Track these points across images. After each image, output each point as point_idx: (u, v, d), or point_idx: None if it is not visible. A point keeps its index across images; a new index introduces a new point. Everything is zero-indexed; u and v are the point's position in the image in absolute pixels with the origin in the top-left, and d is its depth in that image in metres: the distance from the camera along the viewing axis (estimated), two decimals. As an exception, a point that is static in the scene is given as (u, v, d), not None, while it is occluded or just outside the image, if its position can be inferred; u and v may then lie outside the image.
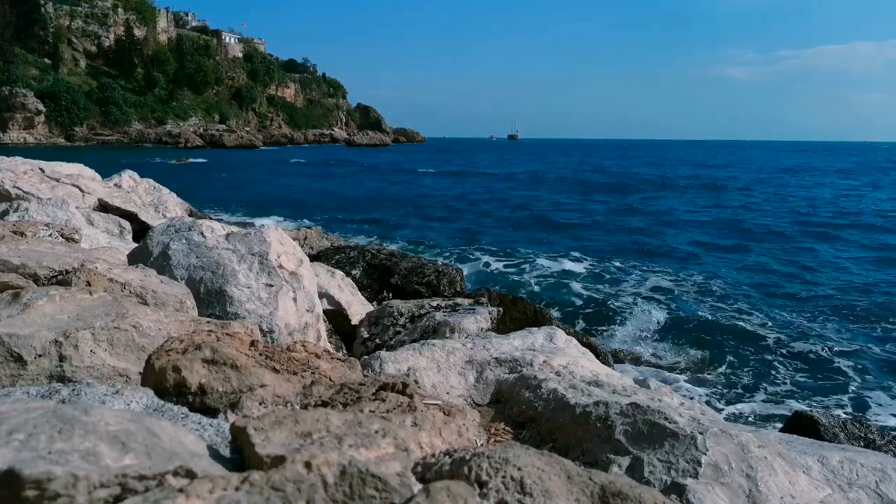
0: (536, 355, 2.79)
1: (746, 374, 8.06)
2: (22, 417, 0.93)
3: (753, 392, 7.52)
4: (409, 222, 21.23)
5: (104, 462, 0.87)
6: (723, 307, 11.13)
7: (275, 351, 1.66)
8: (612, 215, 23.84)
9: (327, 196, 28.48)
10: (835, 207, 27.73)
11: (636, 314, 10.45)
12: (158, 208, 7.39)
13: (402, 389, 1.47)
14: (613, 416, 1.98)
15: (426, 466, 1.08)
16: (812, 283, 13.31)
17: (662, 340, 9.21)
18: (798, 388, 7.77)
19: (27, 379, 1.63)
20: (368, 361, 2.64)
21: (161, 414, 1.30)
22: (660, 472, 1.81)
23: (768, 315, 10.61)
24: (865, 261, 15.79)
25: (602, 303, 11.15)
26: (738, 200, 30.18)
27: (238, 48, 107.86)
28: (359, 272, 6.63)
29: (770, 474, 1.82)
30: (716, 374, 8.03)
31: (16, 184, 5.56)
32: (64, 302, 1.94)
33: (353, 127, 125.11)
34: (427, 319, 4.15)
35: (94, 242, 4.23)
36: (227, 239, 3.25)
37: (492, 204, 27.01)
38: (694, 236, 19.33)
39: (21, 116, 70.36)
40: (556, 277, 13.27)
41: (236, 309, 2.96)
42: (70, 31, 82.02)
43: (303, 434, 1.05)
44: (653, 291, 12.17)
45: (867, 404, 7.34)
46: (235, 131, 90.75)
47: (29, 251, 2.74)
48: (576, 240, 18.11)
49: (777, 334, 9.62)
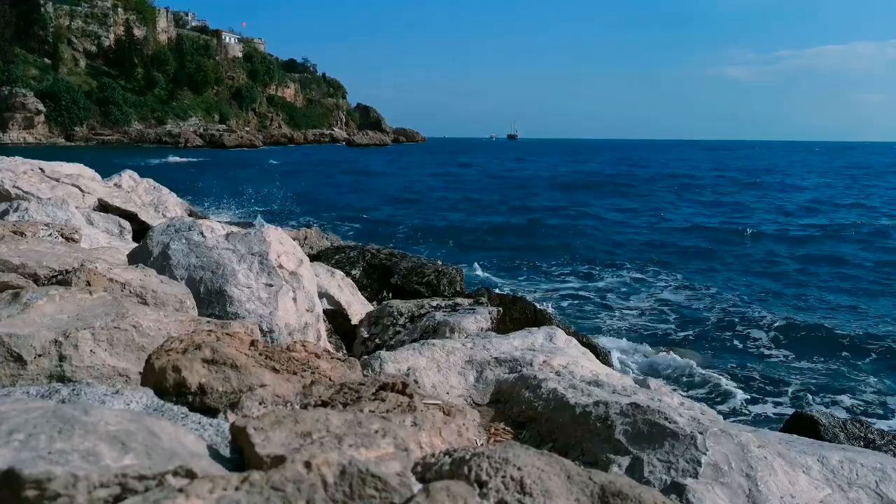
0: (536, 355, 2.79)
1: (746, 374, 8.06)
2: (22, 417, 0.93)
3: (754, 392, 7.52)
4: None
5: (104, 462, 0.87)
6: (722, 307, 11.13)
7: (275, 351, 1.66)
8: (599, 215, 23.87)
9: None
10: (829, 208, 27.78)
11: (636, 313, 10.46)
12: (158, 208, 7.39)
13: (401, 389, 1.47)
14: (613, 415, 1.98)
15: (426, 466, 1.08)
16: (812, 282, 13.31)
17: (663, 340, 9.21)
18: (798, 387, 7.77)
19: (27, 379, 1.63)
20: (368, 361, 2.64)
21: (161, 414, 1.30)
22: (660, 471, 1.81)
23: (768, 315, 10.61)
24: (871, 260, 15.80)
25: (601, 302, 11.16)
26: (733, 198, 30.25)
27: (238, 48, 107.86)
28: (359, 272, 6.63)
29: (770, 474, 1.82)
30: (716, 373, 8.03)
31: (16, 184, 5.56)
32: (64, 302, 1.94)
33: (353, 127, 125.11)
34: (427, 319, 4.15)
35: (94, 242, 4.23)
36: (226, 239, 3.25)
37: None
38: (692, 238, 19.34)
39: (21, 116, 70.35)
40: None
41: (236, 309, 2.96)
42: (70, 31, 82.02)
43: (303, 434, 1.05)
44: (652, 290, 12.17)
45: (867, 404, 7.34)
46: (235, 131, 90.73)
47: (29, 251, 2.74)
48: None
49: (777, 334, 9.62)
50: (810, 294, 12.29)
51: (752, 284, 13.03)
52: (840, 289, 12.83)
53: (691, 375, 7.88)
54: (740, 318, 10.38)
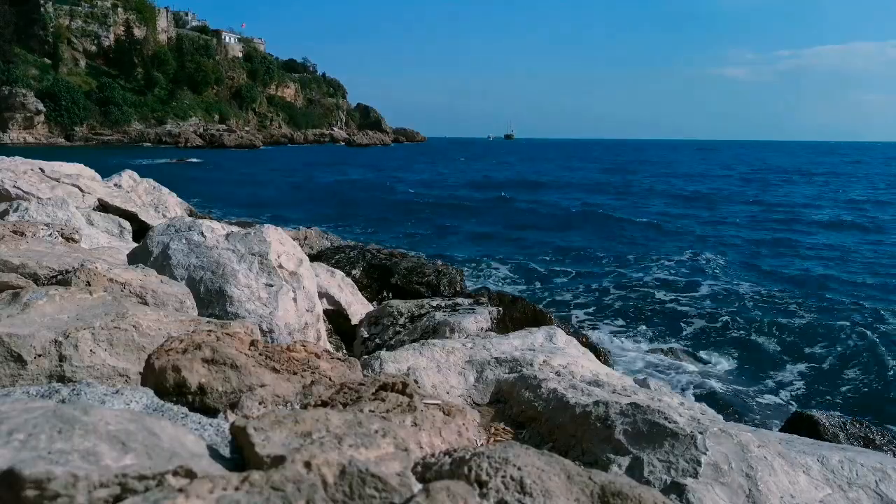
0: (536, 355, 2.79)
1: (746, 374, 8.07)
2: (22, 417, 0.93)
3: (754, 392, 7.52)
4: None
5: (104, 462, 0.87)
6: (722, 306, 11.13)
7: (275, 351, 1.66)
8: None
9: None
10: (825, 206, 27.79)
11: (635, 313, 10.46)
12: (158, 208, 7.39)
13: (401, 389, 1.47)
14: (613, 415, 1.98)
15: (426, 466, 1.08)
16: (811, 282, 13.32)
17: (663, 340, 9.21)
18: (798, 387, 7.77)
19: (27, 379, 1.63)
20: (368, 361, 2.64)
21: (161, 414, 1.30)
22: (660, 471, 1.81)
23: (768, 314, 10.61)
24: (871, 259, 15.80)
25: (600, 302, 11.17)
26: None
27: (238, 48, 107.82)
28: (359, 272, 6.63)
29: (770, 474, 1.82)
30: (716, 373, 8.03)
31: (16, 184, 5.56)
32: (64, 302, 1.94)
33: (353, 127, 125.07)
34: (427, 319, 4.15)
35: (94, 242, 4.23)
36: (226, 239, 3.25)
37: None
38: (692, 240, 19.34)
39: (21, 116, 70.31)
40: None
41: (236, 309, 2.96)
42: (70, 31, 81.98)
43: (303, 434, 1.05)
44: (651, 290, 12.17)
45: (867, 404, 7.34)
46: (235, 131, 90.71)
47: (29, 251, 2.74)
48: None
49: (777, 333, 9.62)
50: (810, 294, 12.28)
51: (751, 285, 13.03)
52: (841, 289, 12.83)
53: (691, 375, 7.88)
54: (740, 318, 10.38)
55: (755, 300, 11.68)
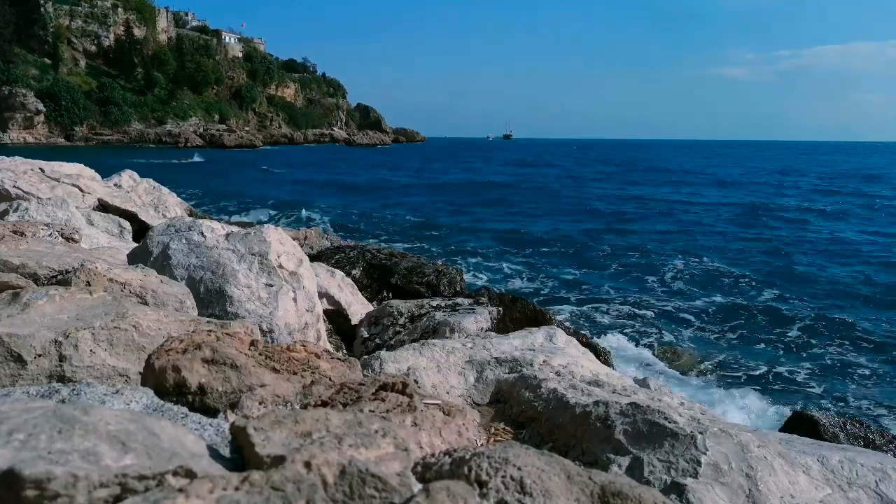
0: (536, 355, 2.79)
1: (746, 374, 8.07)
2: (22, 417, 0.93)
3: (754, 392, 7.52)
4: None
5: (104, 462, 0.87)
6: (722, 306, 11.13)
7: (275, 351, 1.66)
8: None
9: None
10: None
11: (636, 313, 10.46)
12: (158, 208, 7.39)
13: (401, 389, 1.47)
14: (613, 415, 1.98)
15: (426, 466, 1.08)
16: (811, 282, 13.31)
17: (663, 339, 9.21)
18: (798, 387, 7.77)
19: (27, 379, 1.63)
20: (368, 361, 2.64)
21: (161, 414, 1.30)
22: (660, 471, 1.81)
23: (768, 314, 10.61)
24: (872, 259, 15.80)
25: (600, 302, 11.16)
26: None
27: (238, 48, 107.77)
28: (359, 272, 6.63)
29: (770, 474, 1.82)
30: (716, 373, 8.03)
31: (16, 184, 5.56)
32: (64, 302, 1.94)
33: (353, 127, 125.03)
34: (427, 319, 4.14)
35: (94, 242, 4.23)
36: (226, 239, 3.25)
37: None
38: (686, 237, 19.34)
39: (21, 116, 70.28)
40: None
41: (236, 309, 2.96)
42: (70, 31, 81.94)
43: (303, 434, 1.05)
44: (650, 289, 12.18)
45: (867, 404, 7.34)
46: (235, 131, 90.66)
47: (29, 251, 2.74)
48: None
49: (777, 333, 9.62)
50: (810, 293, 12.29)
51: (751, 284, 13.03)
52: (841, 289, 12.83)
53: (691, 375, 7.89)
54: (740, 318, 10.38)
55: (755, 300, 11.68)
